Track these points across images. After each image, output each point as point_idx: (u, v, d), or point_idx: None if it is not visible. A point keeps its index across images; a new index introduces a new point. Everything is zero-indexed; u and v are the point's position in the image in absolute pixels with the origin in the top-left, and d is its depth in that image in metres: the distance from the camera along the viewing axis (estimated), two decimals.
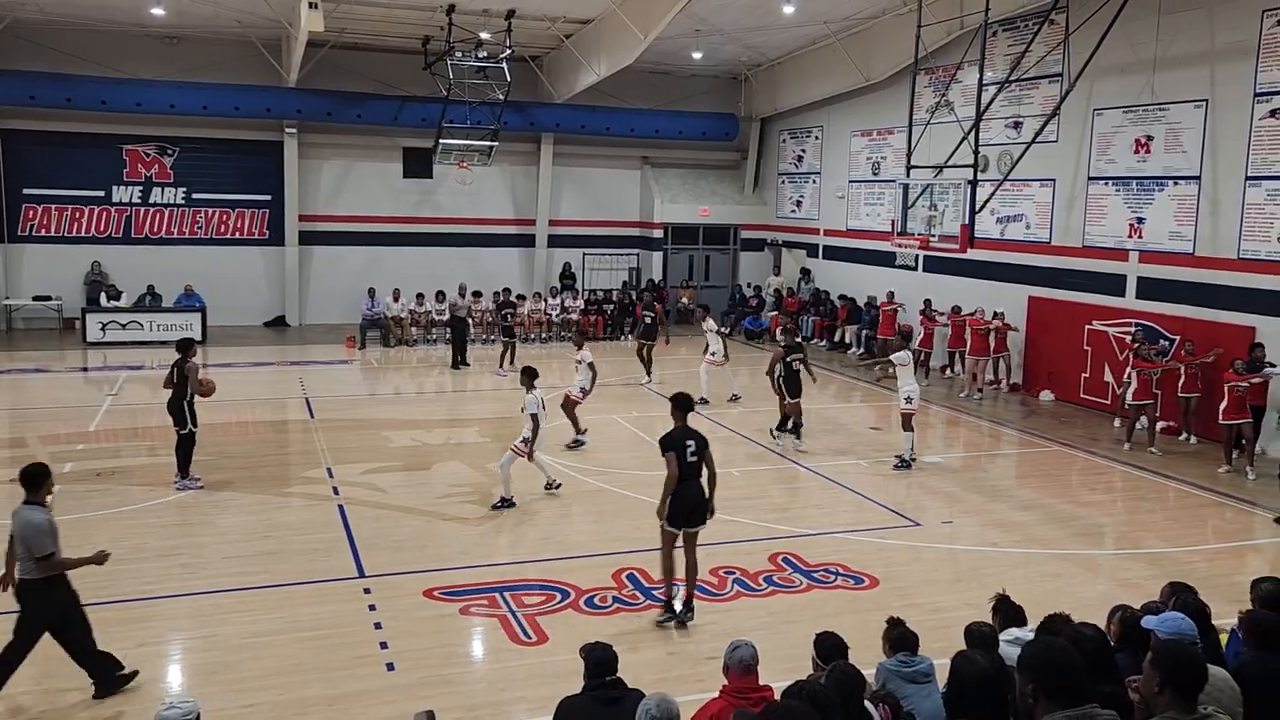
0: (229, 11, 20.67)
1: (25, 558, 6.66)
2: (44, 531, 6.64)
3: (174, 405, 11.88)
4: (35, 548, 6.60)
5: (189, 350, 12.02)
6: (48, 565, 6.68)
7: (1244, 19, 14.75)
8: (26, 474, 6.89)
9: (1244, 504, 12.22)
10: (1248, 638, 4.87)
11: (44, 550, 6.63)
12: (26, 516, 6.69)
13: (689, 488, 8.29)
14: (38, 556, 6.62)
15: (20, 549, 6.67)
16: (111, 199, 23.88)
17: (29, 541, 6.61)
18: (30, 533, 6.60)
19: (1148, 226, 16.53)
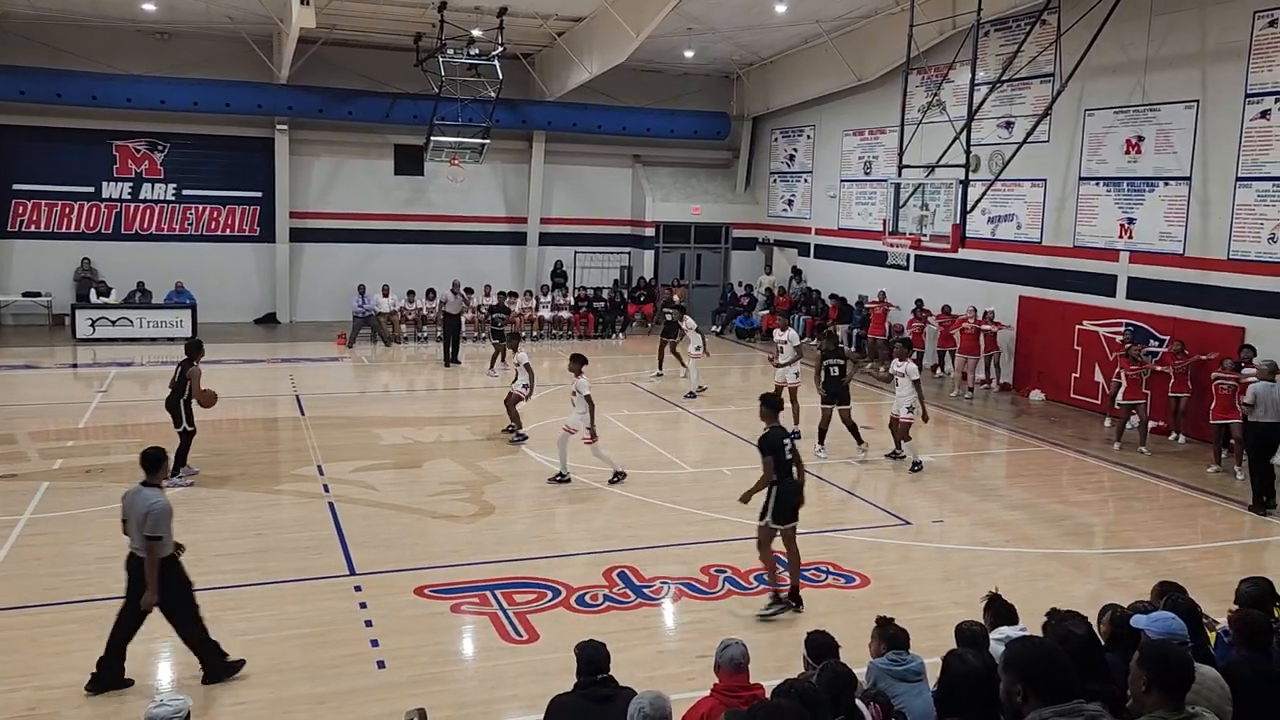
0: (220, 7, 20.60)
1: (139, 533, 6.91)
2: (166, 514, 6.96)
3: (171, 404, 12.00)
4: (150, 526, 6.85)
5: (197, 354, 12.15)
6: (150, 547, 6.90)
7: (1235, 20, 14.81)
8: (146, 456, 7.21)
9: (1233, 503, 12.27)
10: (1236, 637, 4.90)
11: (157, 532, 6.89)
12: (149, 496, 6.98)
13: (789, 485, 8.55)
14: (149, 535, 6.86)
15: (136, 526, 6.91)
16: (101, 195, 23.78)
17: (151, 518, 6.86)
18: (155, 510, 6.88)
19: (1138, 227, 16.59)
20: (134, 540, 7.00)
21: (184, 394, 11.94)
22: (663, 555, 9.91)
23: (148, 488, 7.07)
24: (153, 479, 7.14)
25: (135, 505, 6.98)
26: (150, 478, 7.14)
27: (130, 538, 7.03)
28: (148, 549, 6.89)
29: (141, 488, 7.07)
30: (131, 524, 6.99)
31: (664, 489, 12.21)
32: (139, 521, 6.91)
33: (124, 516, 7.09)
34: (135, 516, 6.94)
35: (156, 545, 6.91)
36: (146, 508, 6.90)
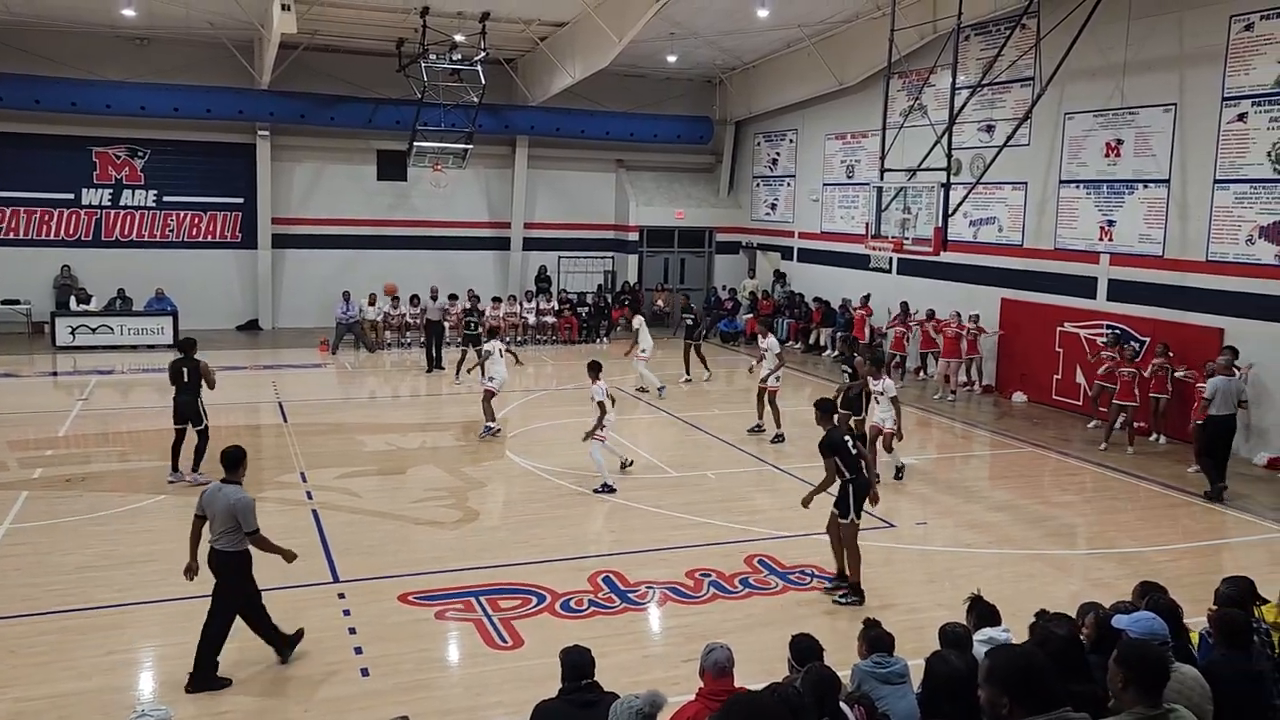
0: (200, 13, 20.49)
1: (231, 530, 7.22)
2: (251, 507, 7.28)
3: (191, 405, 12.24)
4: (245, 522, 7.21)
5: (194, 349, 12.46)
6: (255, 540, 7.30)
7: (1211, 24, 14.95)
8: (226, 455, 7.49)
9: (1213, 503, 12.36)
10: (1216, 636, 4.93)
11: (252, 525, 7.25)
12: (233, 493, 7.27)
13: (863, 481, 8.91)
14: (247, 531, 7.23)
15: (226, 523, 7.22)
16: (81, 201, 23.61)
17: (241, 516, 7.20)
18: (242, 508, 7.21)
19: (1118, 229, 16.71)
20: (216, 535, 7.30)
21: (199, 392, 12.21)
22: (648, 560, 9.91)
23: (229, 485, 7.36)
24: (233, 476, 7.42)
25: (217, 502, 7.27)
26: (230, 475, 7.42)
27: (212, 534, 7.31)
28: (255, 542, 7.32)
29: (223, 485, 7.36)
30: (215, 520, 7.28)
31: (649, 493, 12.20)
32: (224, 517, 7.22)
33: (200, 513, 7.39)
34: (219, 513, 7.24)
35: (259, 536, 7.32)
36: (231, 504, 7.22)
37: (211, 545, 7.34)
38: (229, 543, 7.28)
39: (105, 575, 9.20)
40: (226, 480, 7.40)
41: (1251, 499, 12.57)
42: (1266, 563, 10.33)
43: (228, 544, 7.28)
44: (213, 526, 7.32)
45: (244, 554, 7.37)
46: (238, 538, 7.28)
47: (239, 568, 7.37)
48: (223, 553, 7.31)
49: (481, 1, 20.04)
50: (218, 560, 7.33)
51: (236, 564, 7.34)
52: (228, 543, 7.28)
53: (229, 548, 7.29)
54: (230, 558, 7.31)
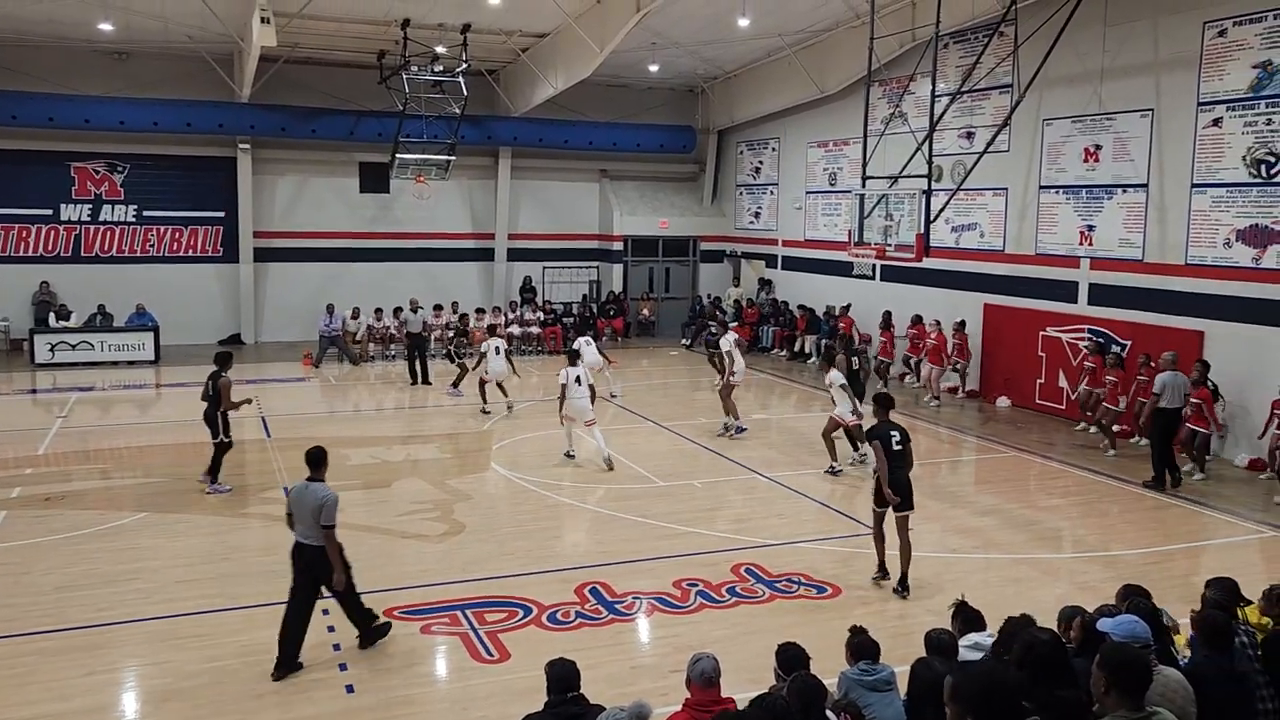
0: (179, 27, 20.42)
1: (313, 526, 7.57)
2: (335, 504, 7.64)
3: (209, 415, 12.38)
4: (325, 517, 7.54)
5: (226, 365, 12.52)
6: (328, 535, 7.58)
7: (1186, 31, 15.10)
8: (310, 455, 7.87)
9: (1196, 505, 12.44)
10: (1199, 638, 4.95)
11: (330, 521, 7.58)
12: (319, 490, 7.64)
13: (896, 475, 9.21)
14: (324, 525, 7.54)
15: (308, 518, 7.58)
16: (60, 217, 23.44)
17: (325, 510, 7.54)
18: (328, 503, 7.57)
19: (1098, 234, 16.83)
20: (302, 531, 7.66)
21: (219, 405, 12.32)
22: (635, 570, 9.88)
23: (314, 482, 7.71)
24: (317, 475, 7.76)
25: (304, 499, 7.64)
26: (315, 474, 7.76)
27: (298, 528, 7.69)
28: (326, 537, 7.58)
29: (309, 483, 7.70)
30: (301, 516, 7.65)
31: (634, 503, 12.18)
32: (312, 513, 7.57)
33: (289, 510, 7.78)
34: (306, 509, 7.60)
35: (333, 533, 7.61)
36: (318, 500, 7.57)
37: (299, 541, 7.70)
38: (317, 537, 7.62)
39: (85, 594, 9.11)
40: (312, 479, 7.73)
41: (1234, 500, 12.65)
42: (1250, 564, 10.39)
43: (316, 539, 7.62)
44: (300, 522, 7.68)
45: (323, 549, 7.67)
46: (315, 532, 7.63)
47: (319, 561, 7.68)
48: (310, 547, 7.65)
49: (462, 13, 20.06)
50: (308, 554, 7.67)
51: (324, 557, 7.66)
52: (315, 537, 7.62)
53: (315, 542, 7.63)
54: (319, 551, 7.65)
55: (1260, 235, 14.24)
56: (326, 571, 7.67)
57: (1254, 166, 14.28)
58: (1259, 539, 11.33)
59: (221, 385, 12.33)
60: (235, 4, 18.85)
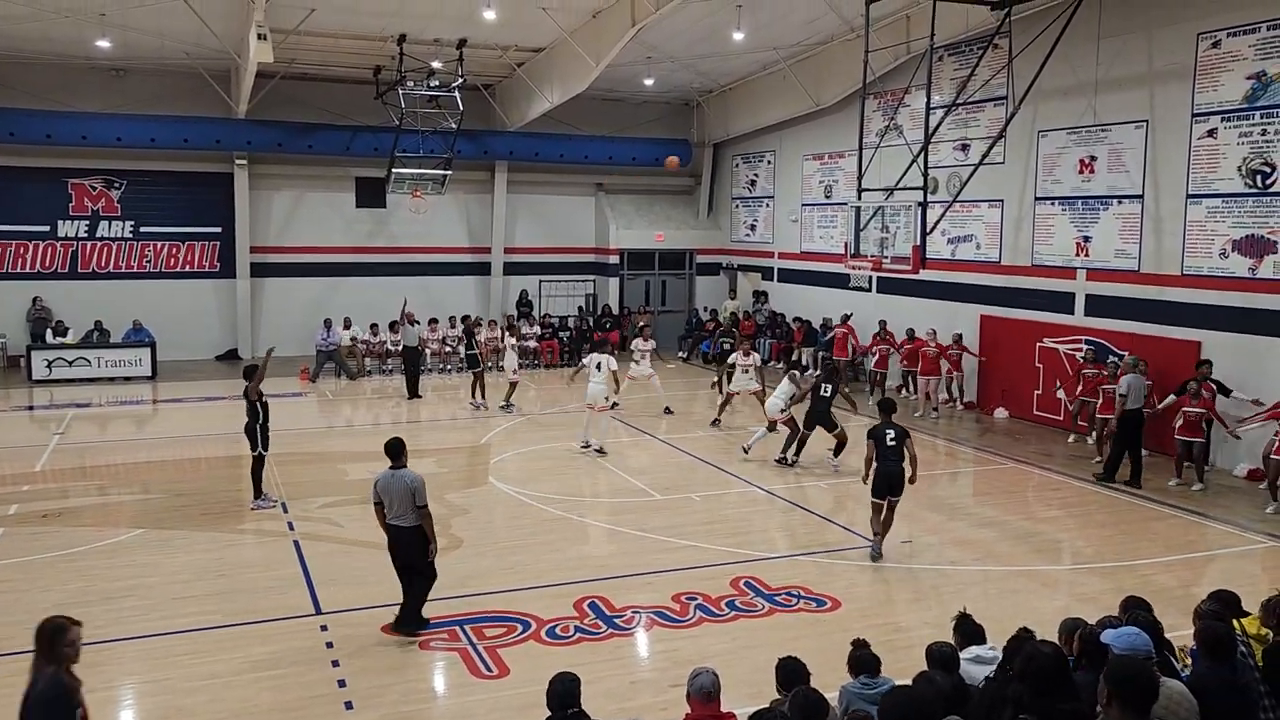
0: (176, 43, 20.47)
1: (409, 508, 8.30)
2: (424, 485, 8.39)
3: (247, 429, 12.46)
4: (419, 497, 8.27)
5: (249, 377, 12.54)
6: (423, 514, 8.32)
7: (1180, 42, 15.17)
8: (390, 446, 8.53)
9: (1195, 516, 12.43)
10: (1200, 649, 4.93)
11: (424, 500, 8.32)
12: (408, 475, 8.36)
13: (887, 467, 10.47)
14: (419, 504, 8.27)
15: (405, 501, 8.28)
16: (57, 234, 23.44)
17: (416, 492, 8.27)
18: (419, 485, 8.30)
19: (1094, 245, 16.87)
20: (396, 516, 8.37)
21: (258, 417, 12.37)
22: (634, 584, 9.85)
23: (399, 469, 8.39)
24: (399, 463, 8.43)
25: (395, 485, 8.33)
26: (397, 462, 8.43)
27: (391, 514, 8.39)
28: (424, 515, 8.33)
29: (394, 471, 8.39)
30: (394, 501, 8.32)
31: (633, 516, 12.15)
32: (405, 497, 8.27)
33: (377, 500, 8.43)
34: (399, 494, 8.29)
35: (428, 510, 8.36)
36: (410, 484, 8.28)
37: (393, 525, 8.40)
38: (411, 519, 8.32)
39: (82, 612, 8.86)
40: (394, 467, 8.40)
41: (1233, 510, 12.65)
42: (1250, 574, 10.37)
43: (410, 520, 8.33)
44: (392, 508, 8.35)
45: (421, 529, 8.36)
46: (414, 514, 8.32)
47: (422, 538, 8.39)
48: (406, 529, 8.36)
49: (458, 28, 20.13)
50: (404, 536, 8.38)
51: (419, 535, 8.37)
52: (410, 519, 8.32)
53: (411, 523, 8.34)
54: (413, 532, 8.35)
55: (1256, 245, 14.29)
56: (422, 548, 8.38)
57: (1249, 177, 14.33)
58: (1259, 549, 11.32)
59: (249, 392, 12.42)
60: (232, 21, 18.91)
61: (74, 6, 17.98)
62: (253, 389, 12.39)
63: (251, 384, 12.42)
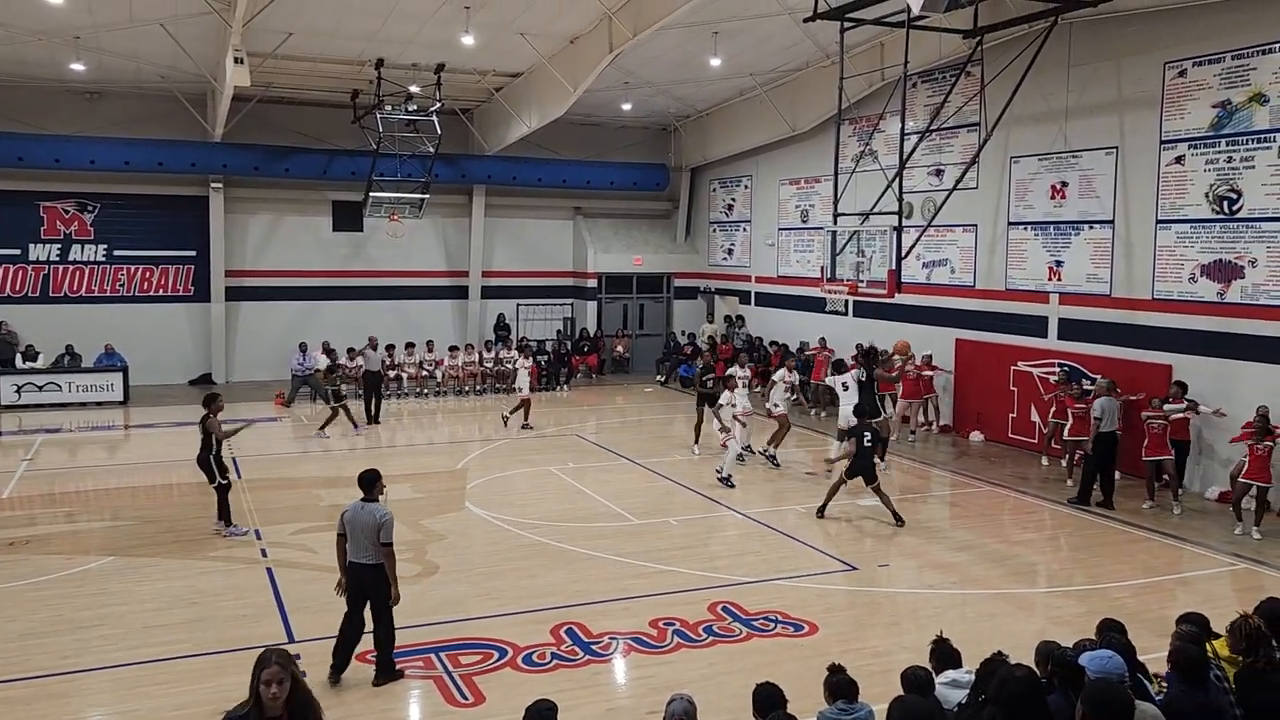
0: (152, 66, 20.42)
1: (372, 545, 7.89)
2: (393, 523, 7.98)
3: (200, 460, 12.17)
4: (384, 534, 7.88)
5: (212, 405, 12.26)
6: (387, 553, 7.91)
7: (1148, 71, 15.43)
8: (361, 479, 8.14)
9: (1168, 538, 12.52)
10: (1174, 672, 4.96)
11: (390, 538, 7.91)
12: (377, 510, 7.95)
13: (864, 456, 12.81)
14: (384, 542, 7.87)
15: (367, 537, 7.89)
16: (29, 257, 23.23)
17: (384, 529, 7.88)
18: (386, 522, 7.90)
19: (1066, 269, 17.06)
20: (357, 551, 7.95)
21: (211, 449, 12.09)
22: (611, 610, 9.80)
23: (369, 503, 7.99)
24: (370, 496, 8.03)
25: (360, 519, 7.93)
26: (368, 495, 8.03)
27: (353, 549, 7.97)
28: (386, 554, 7.91)
29: (363, 504, 7.99)
30: (358, 536, 7.93)
31: (610, 541, 12.11)
32: (370, 532, 7.87)
33: (341, 531, 8.03)
34: (364, 529, 7.89)
35: (392, 549, 7.95)
36: (377, 520, 7.88)
37: (354, 561, 7.97)
38: (373, 556, 7.91)
39: (51, 641, 8.91)
40: (366, 500, 8.00)
41: (1205, 533, 12.75)
42: (1222, 596, 10.45)
43: (373, 558, 7.92)
44: (356, 543, 7.94)
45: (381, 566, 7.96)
46: (374, 551, 7.91)
47: (384, 579, 7.98)
48: (368, 566, 7.95)
49: (437, 53, 20.19)
50: (365, 574, 7.97)
51: (382, 575, 7.97)
52: (372, 556, 7.91)
53: (373, 560, 7.93)
54: (375, 570, 7.95)
55: (1224, 270, 14.50)
56: (382, 589, 7.97)
57: (1216, 203, 14.56)
58: (1230, 571, 11.42)
59: (210, 426, 12.11)
60: (208, 44, 18.89)
61: (49, 29, 17.90)
62: (213, 423, 12.12)
63: (212, 417, 12.13)
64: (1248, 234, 14.19)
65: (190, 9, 16.37)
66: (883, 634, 9.38)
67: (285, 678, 4.39)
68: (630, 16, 17.21)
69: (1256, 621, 5.47)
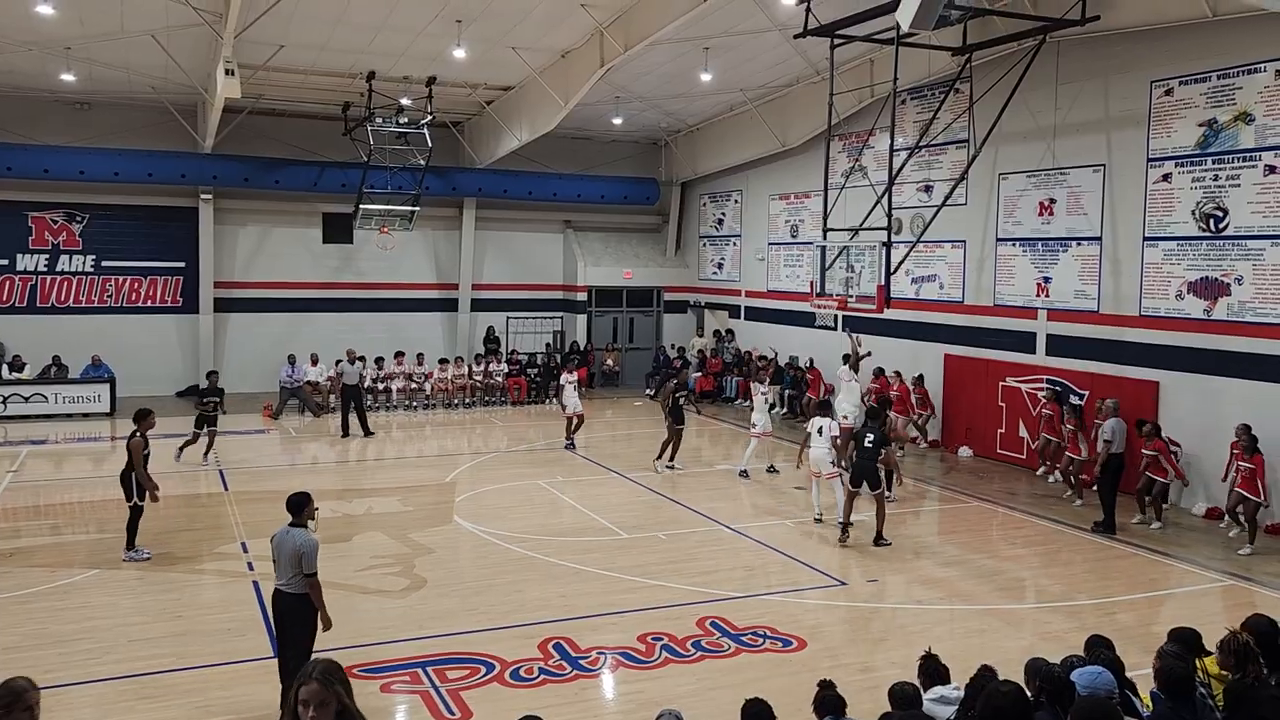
0: (143, 78, 20.39)
1: (295, 573, 7.42)
2: (316, 551, 7.49)
3: (122, 476, 11.68)
4: (306, 564, 7.40)
5: (139, 422, 11.68)
6: (311, 583, 7.44)
7: (1135, 89, 15.56)
8: (290, 502, 7.66)
9: (1156, 554, 12.55)
10: (1160, 688, 4.97)
11: (312, 568, 7.43)
12: (299, 536, 7.47)
13: (864, 460, 12.52)
14: (306, 573, 7.41)
15: (293, 566, 7.42)
16: (16, 268, 23.11)
17: (304, 558, 7.38)
18: (308, 550, 7.41)
19: (1054, 285, 17.14)
20: (280, 577, 7.51)
21: (132, 466, 11.57)
22: (599, 624, 9.77)
23: (295, 528, 7.54)
24: (298, 520, 7.58)
25: (285, 545, 7.48)
26: (296, 519, 7.58)
27: (277, 574, 7.54)
28: (310, 584, 7.45)
29: (290, 529, 7.54)
30: (282, 563, 7.48)
31: (598, 555, 12.07)
32: (291, 560, 7.42)
33: (274, 557, 7.58)
34: (286, 555, 7.44)
35: (316, 579, 7.46)
36: (298, 547, 7.41)
37: (277, 588, 7.53)
38: (295, 585, 7.47)
39: (33, 655, 8.82)
40: (293, 524, 7.58)
41: (1192, 549, 12.79)
42: (1211, 612, 10.47)
43: (294, 586, 7.47)
44: (279, 569, 7.52)
45: (306, 596, 7.49)
46: (300, 580, 7.46)
47: (305, 610, 7.50)
48: (289, 595, 7.50)
49: (428, 66, 20.22)
50: (284, 603, 7.51)
51: (302, 606, 7.48)
52: (294, 585, 7.47)
53: (295, 590, 7.47)
54: (296, 600, 7.48)
55: (1210, 288, 14.59)
56: (303, 620, 7.49)
57: (1203, 221, 14.67)
58: (1219, 587, 11.44)
59: (131, 446, 11.50)
60: (199, 56, 18.88)
61: (40, 39, 17.87)
62: (135, 444, 11.46)
63: (135, 437, 11.50)
64: (1234, 252, 14.29)
65: (182, 20, 16.36)
66: (871, 650, 9.37)
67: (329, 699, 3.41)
68: (621, 31, 17.28)
69: (1245, 638, 5.49)
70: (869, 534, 12.87)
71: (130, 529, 11.72)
